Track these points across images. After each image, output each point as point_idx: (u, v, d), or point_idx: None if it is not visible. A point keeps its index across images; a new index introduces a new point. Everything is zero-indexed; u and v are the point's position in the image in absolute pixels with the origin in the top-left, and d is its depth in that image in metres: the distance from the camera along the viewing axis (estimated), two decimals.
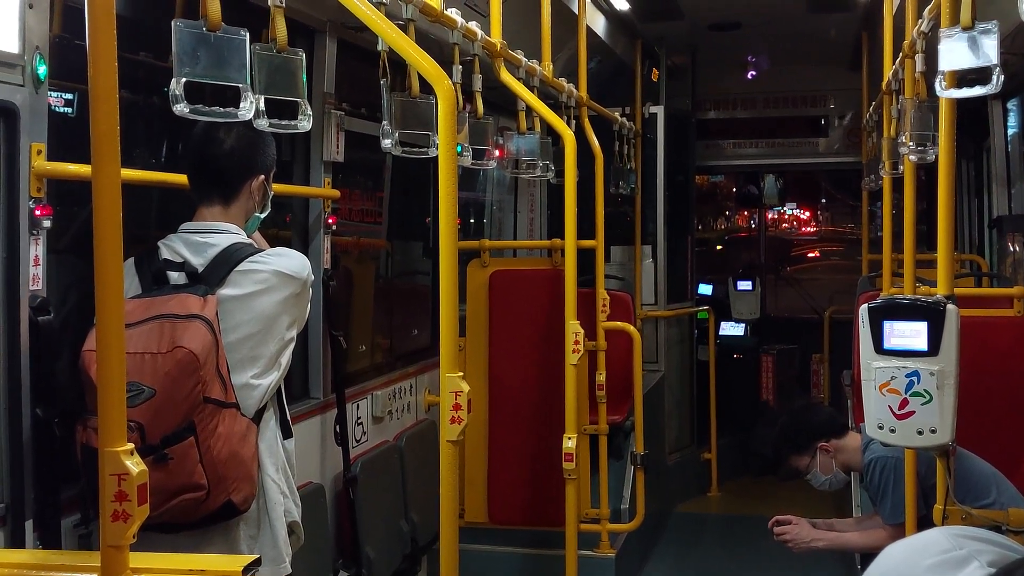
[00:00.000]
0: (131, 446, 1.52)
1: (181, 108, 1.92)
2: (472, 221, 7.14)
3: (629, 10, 6.24)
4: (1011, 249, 6.01)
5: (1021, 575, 0.86)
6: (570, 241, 4.18)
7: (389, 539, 4.28)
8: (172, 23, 1.90)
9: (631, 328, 5.40)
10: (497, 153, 3.97)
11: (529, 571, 5.13)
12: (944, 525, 2.69)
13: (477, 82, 3.48)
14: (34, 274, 2.38)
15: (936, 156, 3.01)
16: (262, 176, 2.67)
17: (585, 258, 4.79)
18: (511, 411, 5.13)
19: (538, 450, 4.96)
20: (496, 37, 3.68)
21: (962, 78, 2.54)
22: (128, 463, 1.50)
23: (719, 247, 11.94)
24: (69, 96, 2.67)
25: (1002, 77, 2.32)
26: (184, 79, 1.90)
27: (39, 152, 2.36)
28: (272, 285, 2.53)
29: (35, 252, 2.38)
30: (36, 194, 2.37)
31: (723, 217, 12.63)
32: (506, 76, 3.77)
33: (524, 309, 5.14)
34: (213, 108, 1.97)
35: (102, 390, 1.51)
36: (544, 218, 7.10)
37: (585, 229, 4.62)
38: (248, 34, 2.03)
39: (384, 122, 2.68)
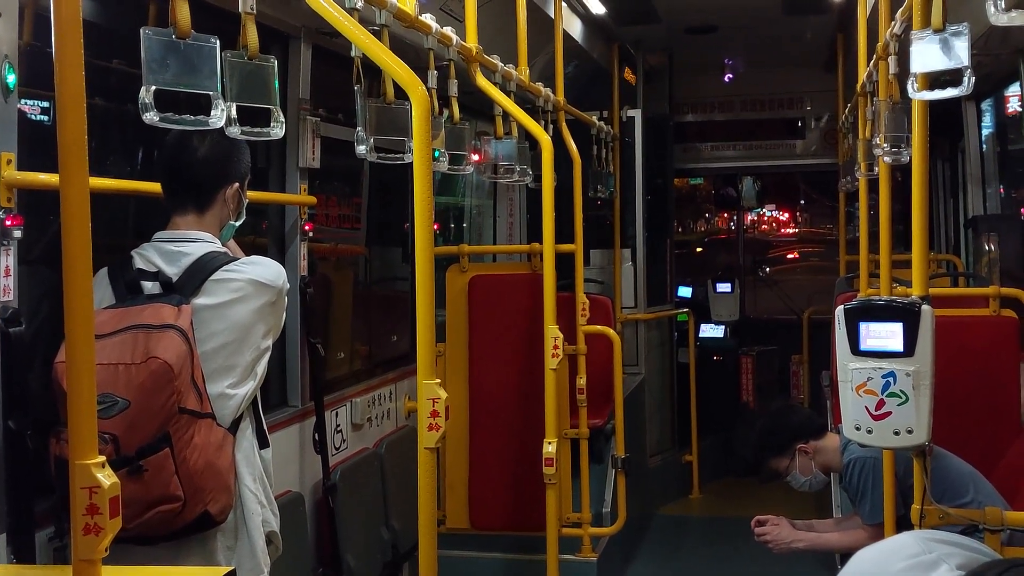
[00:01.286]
0: (102, 459, 1.51)
1: (151, 117, 1.90)
2: (452, 226, 7.14)
3: (605, 14, 6.25)
4: (986, 248, 6.06)
5: None
6: (548, 245, 4.18)
7: (370, 547, 4.26)
8: (140, 31, 1.89)
9: (611, 332, 5.41)
10: (475, 158, 3.96)
11: None
12: (922, 525, 2.70)
13: (453, 87, 3.47)
14: (5, 285, 2.35)
15: (910, 157, 3.02)
16: (236, 184, 2.65)
17: (565, 262, 4.79)
18: (492, 416, 5.12)
19: (519, 455, 4.96)
20: (472, 42, 3.68)
21: (935, 80, 2.56)
22: (99, 476, 1.49)
23: (698, 249, 11.97)
24: (45, 104, 2.65)
25: (973, 79, 2.34)
26: (154, 87, 1.89)
27: (8, 162, 2.34)
28: (247, 294, 2.51)
29: (5, 263, 2.35)
30: (6, 204, 2.34)
31: (702, 219, 12.66)
32: (482, 81, 3.77)
33: (504, 314, 5.14)
34: (184, 116, 1.96)
35: (72, 402, 1.49)
36: (524, 222, 7.10)
37: (564, 233, 4.62)
38: (219, 41, 2.02)
39: (359, 128, 2.68)
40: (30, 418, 2.37)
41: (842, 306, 2.76)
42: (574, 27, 5.98)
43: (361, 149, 2.68)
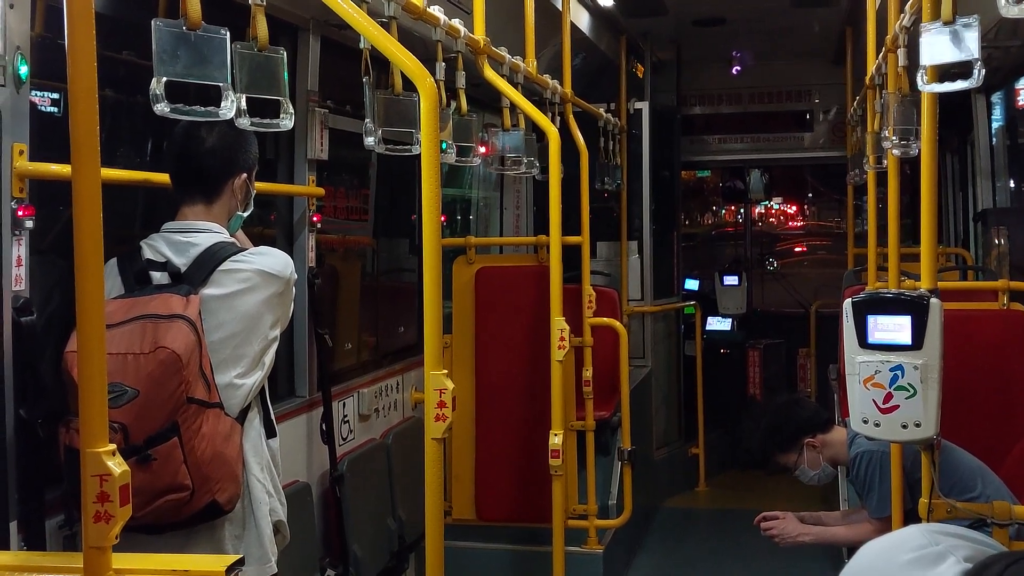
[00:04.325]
0: (113, 447, 1.52)
1: (162, 108, 1.91)
2: (459, 218, 7.14)
3: (613, 6, 6.24)
4: (996, 242, 6.04)
5: (997, 570, 0.86)
6: (555, 237, 4.19)
7: (376, 537, 4.28)
8: (152, 22, 1.90)
9: (617, 324, 5.41)
10: (482, 150, 3.97)
11: (517, 568, 5.13)
12: (929, 518, 2.70)
13: (461, 79, 3.47)
14: (17, 275, 2.37)
15: (919, 150, 3.01)
16: (244, 174, 2.66)
17: (571, 254, 4.79)
18: (498, 408, 5.13)
19: (526, 446, 4.97)
20: (479, 34, 3.68)
21: (944, 72, 2.55)
22: (110, 464, 1.50)
23: (705, 242, 11.95)
24: (55, 96, 2.65)
25: (983, 71, 2.33)
26: (164, 78, 1.90)
27: (21, 152, 2.35)
28: (255, 284, 2.52)
29: (17, 252, 2.37)
30: (18, 194, 2.35)
31: (709, 212, 12.65)
32: (490, 73, 3.77)
33: (510, 306, 5.14)
34: (194, 107, 1.97)
35: (83, 391, 1.50)
36: (530, 215, 7.10)
37: (571, 225, 4.61)
38: (229, 32, 2.02)
39: (367, 120, 2.68)
40: (41, 407, 2.38)
41: (850, 299, 2.75)
42: (582, 19, 5.97)
43: (369, 141, 2.69)
